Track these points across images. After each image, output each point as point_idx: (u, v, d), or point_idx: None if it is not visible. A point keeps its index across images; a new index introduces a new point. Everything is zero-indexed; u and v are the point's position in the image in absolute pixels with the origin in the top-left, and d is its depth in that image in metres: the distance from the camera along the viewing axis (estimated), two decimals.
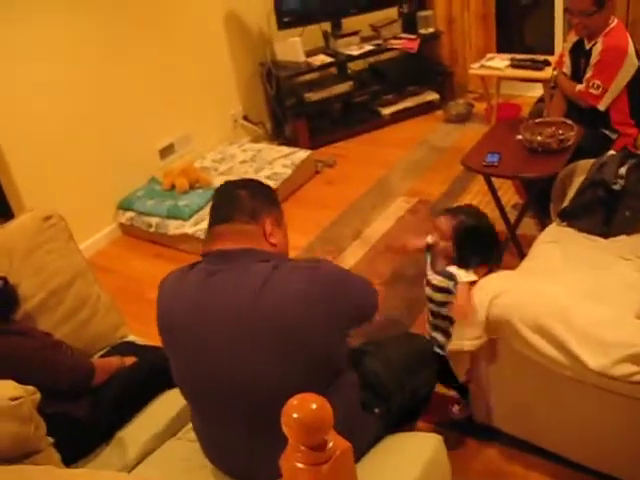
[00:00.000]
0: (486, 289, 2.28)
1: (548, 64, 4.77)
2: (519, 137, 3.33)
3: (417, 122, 5.66)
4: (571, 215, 2.99)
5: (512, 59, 5.05)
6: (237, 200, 1.94)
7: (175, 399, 2.33)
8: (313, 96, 5.45)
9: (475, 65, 5.21)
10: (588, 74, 3.44)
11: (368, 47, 5.51)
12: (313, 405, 1.15)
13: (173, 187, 4.58)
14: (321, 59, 5.43)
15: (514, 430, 2.51)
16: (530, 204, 3.59)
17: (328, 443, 1.15)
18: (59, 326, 2.43)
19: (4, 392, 1.71)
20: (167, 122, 4.86)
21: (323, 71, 5.62)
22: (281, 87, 5.40)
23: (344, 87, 5.56)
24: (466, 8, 5.62)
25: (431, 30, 5.68)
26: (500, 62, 5.08)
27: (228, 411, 1.84)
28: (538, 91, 4.94)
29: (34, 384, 1.82)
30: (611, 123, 3.49)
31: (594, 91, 3.40)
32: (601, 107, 3.43)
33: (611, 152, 3.12)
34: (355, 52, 5.45)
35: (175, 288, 1.92)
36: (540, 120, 3.44)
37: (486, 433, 2.58)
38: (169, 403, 2.34)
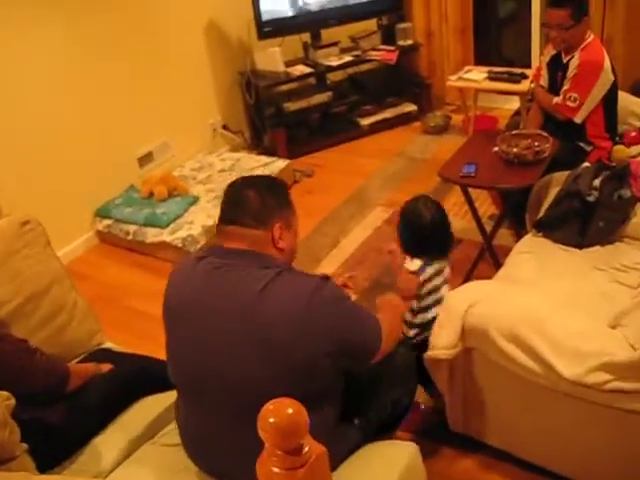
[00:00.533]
0: (462, 298, 2.30)
1: (525, 77, 4.83)
2: (496, 149, 3.35)
3: (395, 133, 5.68)
4: (546, 226, 3.02)
5: (490, 72, 5.10)
6: (245, 202, 1.90)
7: (152, 406, 2.34)
8: (292, 106, 5.47)
9: (453, 77, 5.25)
10: (565, 87, 3.48)
11: (347, 58, 5.54)
12: (289, 410, 1.16)
13: (151, 195, 4.56)
14: (300, 69, 5.44)
15: (490, 439, 2.52)
16: (506, 215, 3.63)
17: (304, 448, 1.16)
18: (35, 332, 2.40)
19: None
20: (146, 130, 4.84)
21: (302, 81, 5.63)
22: (260, 97, 5.40)
23: (323, 97, 5.59)
24: (444, 21, 5.65)
25: (410, 42, 5.71)
26: (478, 74, 5.13)
27: (215, 406, 1.85)
28: (515, 104, 4.98)
29: (9, 389, 1.81)
30: (586, 136, 3.53)
31: (571, 104, 3.45)
32: (577, 119, 3.47)
33: (586, 164, 3.15)
34: (334, 63, 5.47)
35: (184, 275, 1.94)
36: (516, 132, 3.48)
37: (462, 442, 2.59)
38: (145, 410, 2.33)
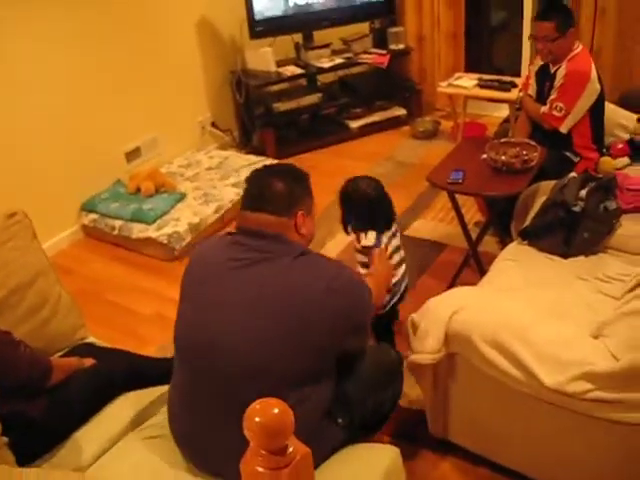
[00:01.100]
0: (447, 304, 2.31)
1: (514, 85, 4.86)
2: (484, 156, 3.37)
3: (384, 137, 5.70)
4: (532, 234, 3.04)
5: (480, 79, 5.13)
6: (272, 192, 1.99)
7: (134, 401, 2.34)
8: (282, 106, 5.47)
9: (443, 83, 5.28)
10: (552, 96, 3.51)
11: (338, 60, 5.56)
12: (275, 410, 1.17)
13: (138, 190, 4.56)
14: (291, 70, 5.46)
15: (470, 444, 2.53)
16: (492, 222, 3.65)
17: (288, 448, 1.17)
18: (19, 324, 2.39)
19: None
20: (134, 126, 4.83)
21: (293, 82, 5.64)
22: (250, 96, 5.41)
23: (313, 99, 5.59)
24: (436, 26, 5.68)
25: (401, 46, 5.74)
26: (468, 81, 5.16)
27: (210, 383, 1.88)
28: (504, 111, 5.01)
29: None
30: (573, 146, 3.56)
31: (557, 113, 3.47)
32: (563, 129, 3.49)
33: (573, 174, 3.18)
34: (325, 64, 5.49)
35: (211, 246, 2.06)
36: (505, 140, 3.49)
37: (442, 446, 2.60)
38: (127, 405, 2.33)
